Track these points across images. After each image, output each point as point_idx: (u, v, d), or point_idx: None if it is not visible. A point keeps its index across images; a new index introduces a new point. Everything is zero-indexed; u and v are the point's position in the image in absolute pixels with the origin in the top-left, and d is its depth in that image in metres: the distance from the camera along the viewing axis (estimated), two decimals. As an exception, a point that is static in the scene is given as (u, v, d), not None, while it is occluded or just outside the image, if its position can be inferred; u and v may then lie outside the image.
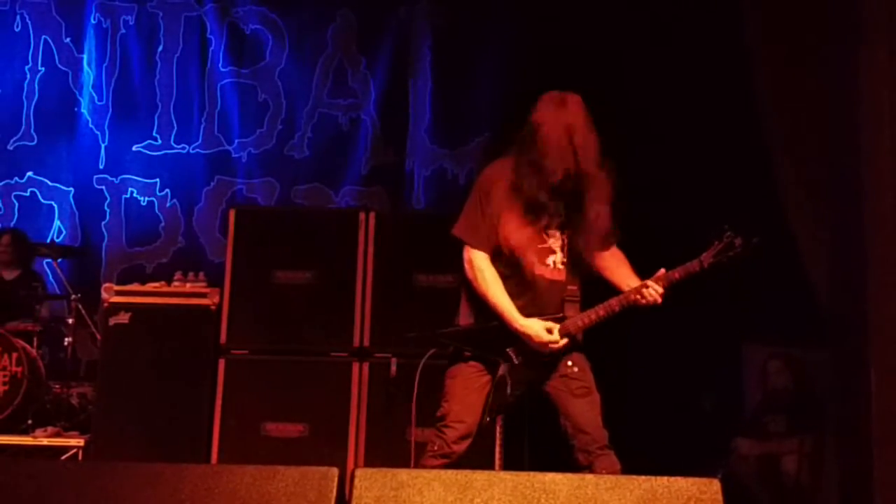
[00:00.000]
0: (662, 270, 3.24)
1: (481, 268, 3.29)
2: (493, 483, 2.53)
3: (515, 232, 3.28)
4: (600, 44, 4.92)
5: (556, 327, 3.24)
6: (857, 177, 3.51)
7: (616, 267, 3.41)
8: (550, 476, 2.55)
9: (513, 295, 3.27)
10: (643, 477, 2.56)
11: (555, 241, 3.30)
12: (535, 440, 4.39)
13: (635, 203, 3.51)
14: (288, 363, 4.60)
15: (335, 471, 2.57)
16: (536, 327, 3.23)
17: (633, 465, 3.08)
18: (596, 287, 3.38)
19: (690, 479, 2.54)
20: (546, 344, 3.23)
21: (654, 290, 3.22)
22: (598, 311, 3.27)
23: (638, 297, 3.24)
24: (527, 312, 3.26)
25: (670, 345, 4.73)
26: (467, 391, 3.28)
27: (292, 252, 4.71)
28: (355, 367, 4.56)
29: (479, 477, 2.56)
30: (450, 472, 2.65)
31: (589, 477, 2.57)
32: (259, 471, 2.59)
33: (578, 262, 3.36)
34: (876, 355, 3.39)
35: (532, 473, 2.59)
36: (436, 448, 3.27)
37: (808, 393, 4.56)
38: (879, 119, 3.39)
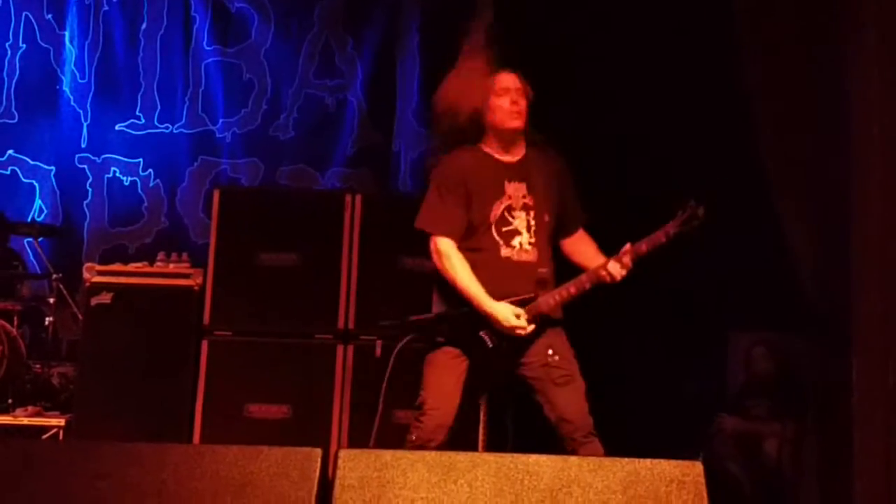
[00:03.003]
0: (628, 245, 3.26)
1: (448, 254, 3.29)
2: (477, 464, 2.54)
3: (478, 215, 3.32)
4: (588, 25, 4.91)
5: (523, 313, 3.24)
6: (843, 164, 3.52)
7: (583, 250, 3.44)
8: (534, 457, 2.55)
9: (482, 279, 3.26)
10: (626, 459, 2.57)
11: (520, 221, 3.31)
12: (519, 422, 4.40)
13: (621, 191, 3.53)
14: (272, 345, 4.58)
15: (318, 451, 2.57)
16: (504, 311, 3.23)
17: (617, 447, 3.10)
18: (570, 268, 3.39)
19: (673, 462, 2.55)
20: (514, 328, 3.22)
21: (620, 266, 3.24)
22: (570, 289, 3.28)
23: (604, 273, 3.25)
24: (496, 296, 3.25)
25: (655, 332, 4.74)
26: (444, 378, 3.29)
27: (277, 233, 4.68)
28: (340, 349, 4.55)
29: (463, 458, 2.56)
30: (433, 454, 2.65)
31: (572, 458, 2.58)
32: (242, 451, 2.58)
33: (549, 243, 3.38)
34: (857, 342, 3.40)
35: (516, 455, 2.59)
36: (413, 438, 3.27)
37: (791, 379, 4.59)
38: (868, 107, 3.40)
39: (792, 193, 3.90)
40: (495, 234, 3.32)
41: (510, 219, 3.32)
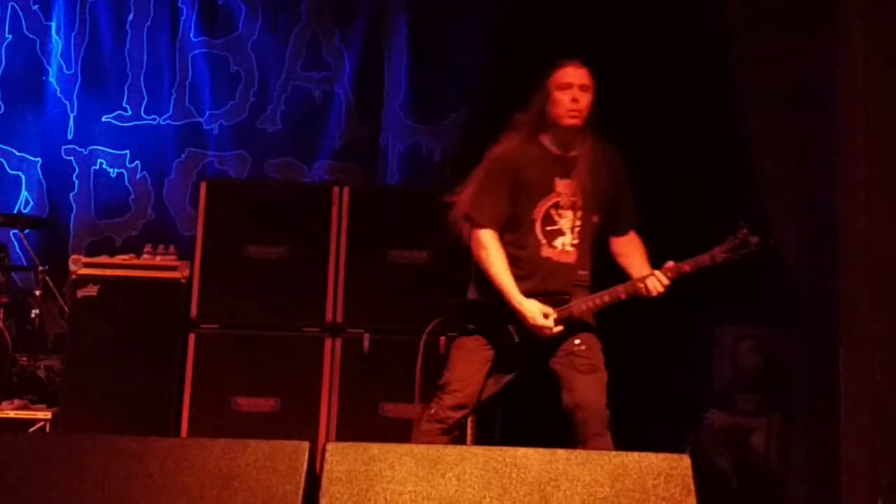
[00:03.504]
0: (671, 263, 3.23)
1: (486, 245, 3.28)
2: (465, 458, 2.53)
3: (524, 210, 3.30)
4: (579, 17, 4.91)
5: (552, 313, 3.22)
6: (830, 157, 3.53)
7: (631, 253, 3.40)
8: (522, 451, 2.55)
9: (519, 276, 3.26)
10: (613, 452, 2.58)
11: (566, 221, 3.29)
12: (507, 416, 4.40)
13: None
14: (259, 338, 4.57)
15: (306, 444, 2.56)
16: (533, 309, 3.21)
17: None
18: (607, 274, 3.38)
19: (661, 455, 2.55)
20: (540, 328, 3.21)
21: (658, 282, 3.20)
22: (603, 297, 3.26)
23: (641, 286, 3.22)
24: (532, 294, 3.24)
25: (642, 328, 4.75)
26: (469, 362, 3.30)
27: (264, 226, 4.68)
28: (328, 342, 4.55)
29: (451, 451, 2.56)
30: (421, 447, 2.65)
31: (560, 452, 2.58)
32: (229, 444, 2.57)
33: (591, 245, 3.35)
34: (844, 336, 3.42)
35: (503, 448, 2.59)
36: (432, 412, 3.30)
37: (778, 373, 4.60)
38: (853, 107, 3.41)
39: (779, 189, 3.91)
40: (538, 232, 3.29)
41: (556, 217, 3.29)
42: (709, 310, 4.75)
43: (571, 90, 3.27)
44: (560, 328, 3.23)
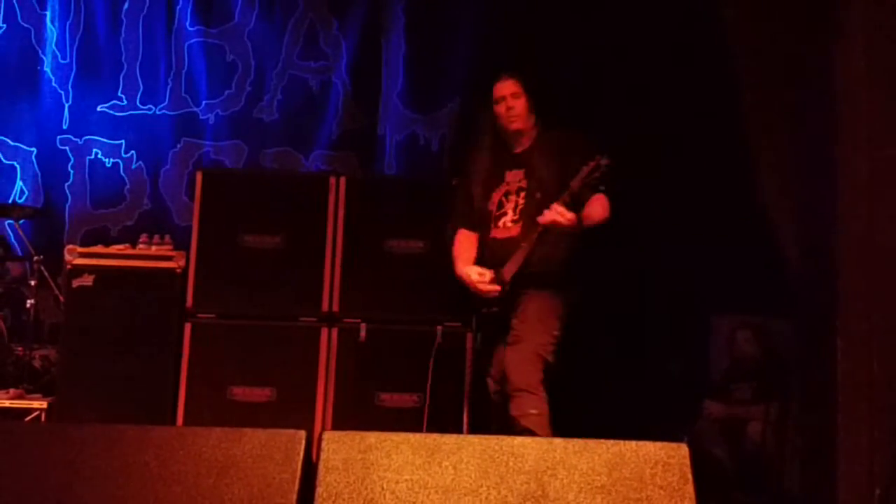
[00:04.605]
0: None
1: (453, 240, 3.85)
2: (462, 446, 2.53)
3: (483, 205, 3.79)
4: (575, 9, 4.89)
5: (488, 273, 3.61)
6: (828, 145, 3.53)
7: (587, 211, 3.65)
8: (519, 439, 2.56)
9: (481, 260, 3.73)
10: (611, 441, 2.57)
11: (510, 204, 3.70)
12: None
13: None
14: (255, 328, 4.56)
15: (303, 433, 2.56)
16: (469, 270, 3.68)
17: (601, 430, 3.10)
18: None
19: (659, 444, 2.55)
20: (474, 284, 3.63)
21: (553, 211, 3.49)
22: (521, 252, 3.56)
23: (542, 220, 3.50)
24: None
25: (639, 317, 4.75)
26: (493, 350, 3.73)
27: (261, 216, 4.66)
28: (324, 332, 4.54)
29: (448, 440, 2.56)
30: (418, 436, 2.64)
31: (557, 440, 2.58)
32: (225, 433, 2.57)
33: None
34: (842, 326, 3.41)
35: (500, 437, 2.60)
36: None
37: (775, 362, 4.60)
38: (854, 98, 3.41)
39: (777, 177, 3.90)
40: (491, 219, 3.74)
41: (504, 203, 3.71)
42: (706, 299, 4.75)
43: (505, 101, 3.79)
44: (495, 287, 3.56)
